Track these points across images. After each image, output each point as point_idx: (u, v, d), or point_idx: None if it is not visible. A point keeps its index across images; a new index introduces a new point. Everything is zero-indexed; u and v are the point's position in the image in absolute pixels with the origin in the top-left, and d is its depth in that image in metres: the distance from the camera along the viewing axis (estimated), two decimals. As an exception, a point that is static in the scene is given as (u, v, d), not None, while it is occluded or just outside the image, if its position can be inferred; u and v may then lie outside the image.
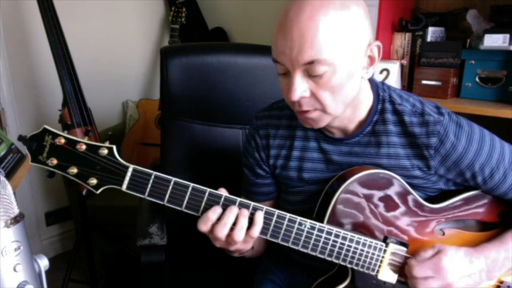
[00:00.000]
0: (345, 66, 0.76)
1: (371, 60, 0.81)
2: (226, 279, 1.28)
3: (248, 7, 2.39)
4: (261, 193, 1.04)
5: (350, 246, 0.84)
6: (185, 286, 1.31)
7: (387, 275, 0.87)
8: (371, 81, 0.89)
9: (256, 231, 0.81)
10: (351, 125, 0.89)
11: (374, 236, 0.86)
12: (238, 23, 2.48)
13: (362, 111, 0.88)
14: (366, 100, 0.88)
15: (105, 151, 0.79)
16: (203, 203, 0.81)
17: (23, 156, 1.17)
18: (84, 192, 1.53)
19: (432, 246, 0.84)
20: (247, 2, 2.39)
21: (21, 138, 0.78)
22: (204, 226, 0.80)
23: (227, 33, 2.52)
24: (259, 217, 0.81)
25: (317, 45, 0.73)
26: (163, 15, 2.66)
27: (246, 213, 0.80)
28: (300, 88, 0.77)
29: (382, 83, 0.91)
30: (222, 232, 0.79)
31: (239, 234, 0.80)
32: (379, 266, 0.86)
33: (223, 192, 0.82)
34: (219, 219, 0.80)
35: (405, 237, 0.87)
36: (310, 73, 0.76)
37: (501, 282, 0.89)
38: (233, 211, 0.80)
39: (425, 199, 0.89)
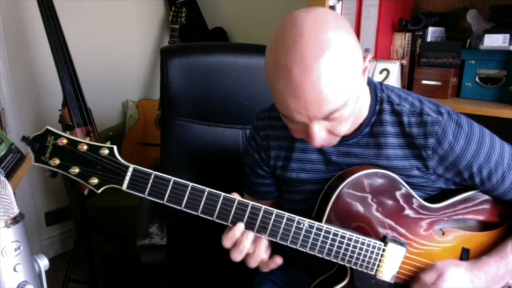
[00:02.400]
0: (354, 96, 0.76)
1: (364, 69, 0.80)
2: (226, 279, 1.28)
3: (248, 7, 2.39)
4: (261, 193, 1.04)
5: (348, 245, 0.84)
6: (185, 286, 1.31)
7: (386, 274, 0.87)
8: (369, 82, 0.89)
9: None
10: (352, 127, 0.89)
11: (373, 236, 0.86)
12: (238, 23, 2.48)
13: (363, 113, 0.88)
14: (366, 103, 0.88)
15: (106, 151, 0.80)
16: (202, 202, 0.82)
17: (23, 156, 1.17)
18: (86, 192, 1.54)
19: (432, 267, 0.85)
20: (247, 2, 2.38)
21: (24, 139, 0.79)
22: (228, 242, 0.83)
23: (227, 33, 2.52)
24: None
25: (332, 98, 0.72)
26: (163, 15, 2.66)
27: (262, 245, 0.84)
28: (320, 135, 0.78)
29: (380, 83, 0.91)
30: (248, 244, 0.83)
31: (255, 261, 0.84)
32: (378, 266, 0.86)
33: (235, 196, 0.83)
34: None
35: (404, 237, 0.87)
36: (325, 119, 0.76)
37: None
38: (249, 237, 0.83)
39: (425, 199, 0.89)
